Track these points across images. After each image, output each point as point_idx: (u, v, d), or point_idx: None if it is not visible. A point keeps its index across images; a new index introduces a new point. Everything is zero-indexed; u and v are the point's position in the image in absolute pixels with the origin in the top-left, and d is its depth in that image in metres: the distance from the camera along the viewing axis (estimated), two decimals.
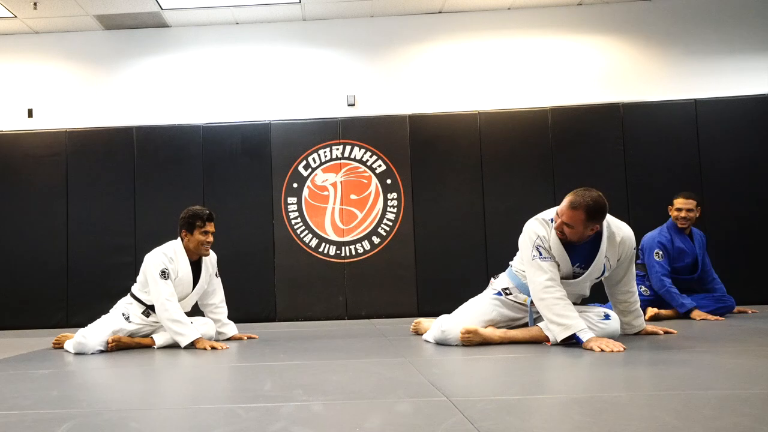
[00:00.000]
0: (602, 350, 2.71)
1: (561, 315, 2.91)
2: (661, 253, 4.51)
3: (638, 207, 5.87)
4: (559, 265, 3.04)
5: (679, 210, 4.56)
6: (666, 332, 3.34)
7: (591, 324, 3.00)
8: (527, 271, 3.08)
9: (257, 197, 6.05)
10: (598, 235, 3.01)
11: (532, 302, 3.12)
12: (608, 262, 3.08)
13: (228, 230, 5.53)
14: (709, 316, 4.26)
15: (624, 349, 2.73)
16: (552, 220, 3.05)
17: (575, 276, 3.08)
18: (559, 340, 2.92)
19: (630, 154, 5.98)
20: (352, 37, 6.34)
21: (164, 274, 3.55)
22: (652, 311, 4.31)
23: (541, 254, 3.01)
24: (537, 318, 3.21)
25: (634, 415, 1.61)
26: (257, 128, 6.13)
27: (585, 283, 3.13)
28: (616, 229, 3.09)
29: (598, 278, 3.15)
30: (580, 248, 3.04)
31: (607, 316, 3.07)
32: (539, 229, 3.06)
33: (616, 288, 3.25)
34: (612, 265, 3.11)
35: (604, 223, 3.02)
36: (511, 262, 3.35)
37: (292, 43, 6.36)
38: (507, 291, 3.27)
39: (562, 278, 3.03)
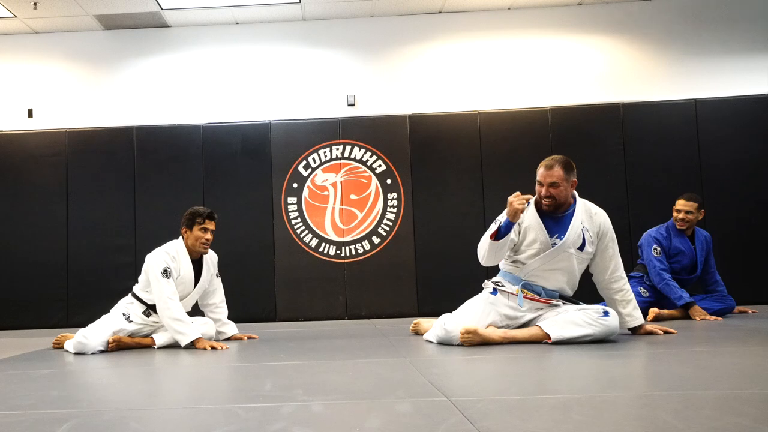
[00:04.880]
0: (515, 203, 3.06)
1: (485, 236, 3.22)
2: (658, 249, 4.52)
3: (638, 207, 5.87)
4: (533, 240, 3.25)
5: (678, 211, 4.57)
6: (666, 332, 3.34)
7: (591, 320, 3.05)
8: None
9: (257, 197, 6.05)
10: (575, 209, 3.29)
11: (522, 287, 3.24)
12: (588, 234, 3.25)
13: (228, 230, 5.53)
14: (709, 316, 4.26)
15: None
16: (529, 202, 3.25)
17: (554, 245, 3.23)
18: (489, 234, 3.16)
19: (630, 154, 5.98)
20: (352, 37, 6.34)
21: (166, 273, 3.56)
22: (654, 311, 4.31)
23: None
24: (538, 317, 3.22)
25: (634, 415, 1.61)
26: (257, 128, 6.13)
27: (569, 257, 3.21)
28: (591, 205, 3.38)
29: (580, 249, 3.22)
30: (559, 221, 3.27)
31: (606, 313, 3.11)
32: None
33: (606, 277, 3.32)
34: (593, 239, 3.27)
35: (578, 198, 3.33)
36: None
37: (292, 43, 6.36)
38: (499, 284, 3.32)
39: (541, 251, 3.22)
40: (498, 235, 3.14)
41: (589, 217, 3.29)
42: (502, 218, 3.15)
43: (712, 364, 2.36)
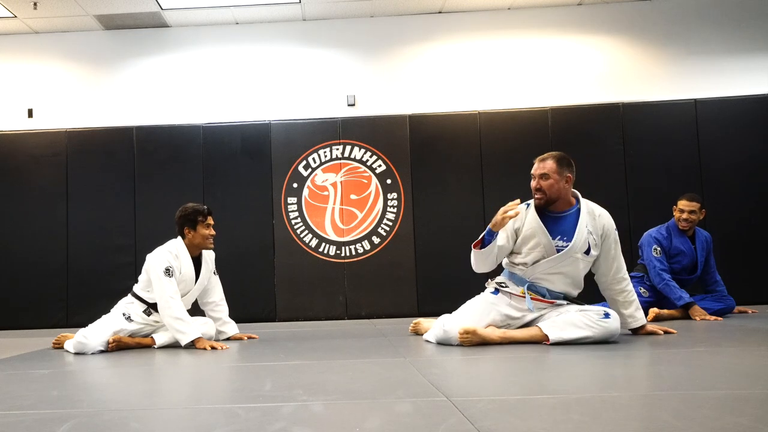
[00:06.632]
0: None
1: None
2: (659, 249, 4.52)
3: (638, 207, 5.87)
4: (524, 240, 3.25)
5: (682, 212, 4.55)
6: (666, 332, 3.34)
7: (591, 322, 3.03)
8: None
9: (257, 197, 6.05)
10: (578, 210, 3.24)
11: (528, 289, 3.21)
12: (592, 237, 3.22)
13: (228, 230, 5.53)
14: (709, 316, 4.26)
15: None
16: (528, 205, 3.25)
17: (559, 250, 3.18)
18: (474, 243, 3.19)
19: (630, 154, 5.98)
20: (352, 37, 6.34)
21: (168, 272, 3.57)
22: (654, 311, 4.31)
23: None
24: (539, 318, 3.21)
25: (634, 415, 1.61)
26: (257, 128, 6.13)
27: (575, 261, 3.18)
28: (594, 206, 3.34)
29: (586, 253, 3.20)
30: (561, 222, 3.22)
31: (607, 315, 3.08)
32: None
33: (609, 278, 3.29)
34: (597, 241, 3.23)
35: (581, 199, 3.28)
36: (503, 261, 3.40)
37: (292, 43, 6.36)
38: (503, 284, 3.30)
39: (545, 254, 3.19)
40: (482, 245, 3.17)
41: (592, 218, 3.25)
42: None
43: (712, 364, 2.36)
